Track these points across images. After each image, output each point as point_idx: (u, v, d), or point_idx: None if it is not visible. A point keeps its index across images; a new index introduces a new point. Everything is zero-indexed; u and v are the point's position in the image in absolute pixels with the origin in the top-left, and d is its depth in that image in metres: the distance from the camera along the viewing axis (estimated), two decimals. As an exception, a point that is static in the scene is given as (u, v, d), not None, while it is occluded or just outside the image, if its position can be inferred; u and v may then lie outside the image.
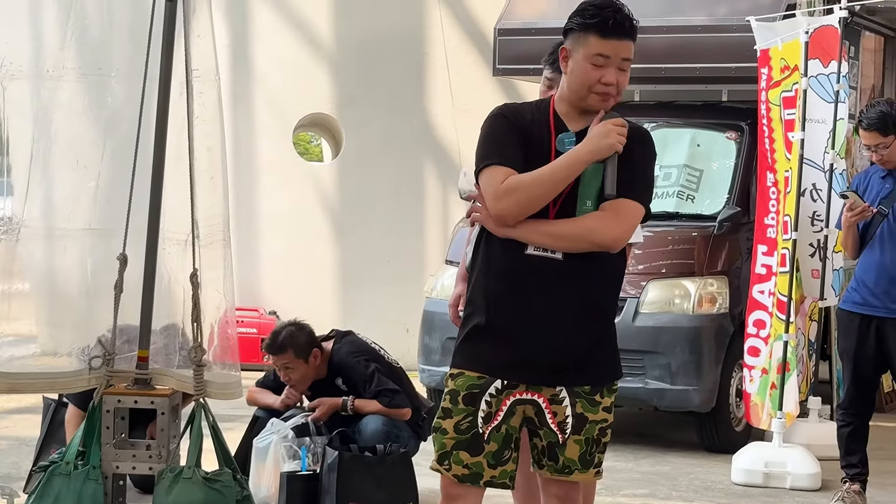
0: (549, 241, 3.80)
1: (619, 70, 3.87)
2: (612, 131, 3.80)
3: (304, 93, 12.00)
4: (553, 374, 3.85)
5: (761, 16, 8.48)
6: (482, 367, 3.87)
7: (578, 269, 3.82)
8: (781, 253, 7.95)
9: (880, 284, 6.75)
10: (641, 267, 8.44)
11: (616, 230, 3.81)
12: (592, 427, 3.88)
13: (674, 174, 8.92)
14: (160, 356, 5.14)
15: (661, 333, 8.28)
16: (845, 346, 6.93)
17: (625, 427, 9.05)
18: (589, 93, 3.86)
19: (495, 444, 3.88)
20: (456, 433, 3.87)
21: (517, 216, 3.79)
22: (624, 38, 3.87)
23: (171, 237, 5.12)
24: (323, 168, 12.73)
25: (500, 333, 3.85)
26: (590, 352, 3.87)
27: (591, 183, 3.82)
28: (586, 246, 3.80)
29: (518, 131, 3.86)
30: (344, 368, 6.53)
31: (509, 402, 3.86)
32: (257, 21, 11.96)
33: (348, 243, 11.98)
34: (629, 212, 3.83)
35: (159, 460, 4.99)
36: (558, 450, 3.89)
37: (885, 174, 6.80)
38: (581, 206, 3.83)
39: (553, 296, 3.82)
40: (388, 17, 12.01)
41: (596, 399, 3.88)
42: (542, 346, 3.83)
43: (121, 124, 5.13)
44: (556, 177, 3.78)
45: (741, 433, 8.54)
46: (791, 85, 8.08)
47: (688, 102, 9.55)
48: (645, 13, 9.17)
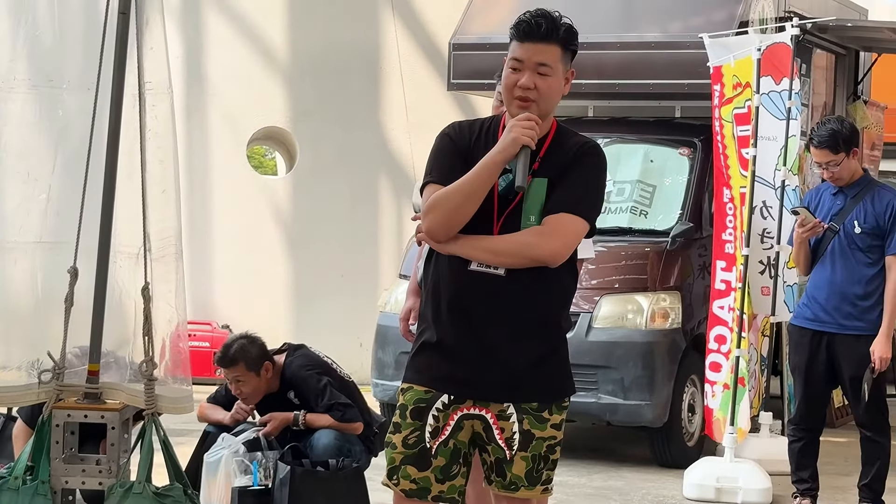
0: (488, 256, 3.80)
1: (539, 74, 3.81)
2: (516, 126, 3.77)
3: (259, 106, 11.97)
4: (499, 390, 3.85)
5: (714, 33, 8.54)
6: (429, 381, 3.87)
7: (521, 285, 3.81)
8: (740, 269, 8.00)
9: (831, 300, 6.79)
10: (595, 282, 8.47)
11: (553, 245, 3.78)
12: (540, 444, 3.87)
13: (627, 190, 8.95)
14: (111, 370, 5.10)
15: (614, 348, 8.31)
16: (796, 361, 6.97)
17: (578, 442, 9.06)
18: (511, 98, 3.85)
19: (443, 458, 3.87)
20: (404, 448, 3.87)
21: (444, 230, 3.79)
22: (539, 42, 3.81)
23: (123, 250, 5.08)
24: (277, 182, 12.70)
25: (447, 348, 3.85)
26: (535, 368, 3.86)
27: (535, 198, 3.81)
28: (524, 261, 3.79)
29: (458, 152, 3.87)
30: (296, 382, 6.50)
31: (457, 417, 3.86)
32: (212, 33, 11.93)
33: (302, 257, 11.95)
34: (569, 227, 3.81)
35: (109, 475, 4.95)
36: (505, 466, 3.88)
37: (836, 191, 6.85)
38: (525, 222, 3.82)
39: (495, 311, 3.82)
40: (344, 31, 12.02)
41: (544, 416, 3.87)
42: (487, 362, 3.83)
43: (72, 137, 5.09)
44: (471, 183, 3.76)
45: (693, 448, 8.58)
46: (743, 102, 8.14)
47: (641, 118, 9.60)
48: (599, 29, 9.29)
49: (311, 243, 11.94)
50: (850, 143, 6.78)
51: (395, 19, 12.12)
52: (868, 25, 10.28)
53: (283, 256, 11.98)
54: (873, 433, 6.84)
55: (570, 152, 3.87)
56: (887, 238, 6.71)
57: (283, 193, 12.15)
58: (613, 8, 9.54)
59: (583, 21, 9.41)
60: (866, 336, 6.72)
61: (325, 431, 6.37)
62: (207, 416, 6.70)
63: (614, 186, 8.97)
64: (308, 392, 6.45)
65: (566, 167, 3.83)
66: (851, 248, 6.75)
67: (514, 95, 3.83)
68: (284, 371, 6.54)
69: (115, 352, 5.13)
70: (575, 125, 9.35)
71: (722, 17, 9.03)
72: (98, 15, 5.03)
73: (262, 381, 6.48)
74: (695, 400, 8.66)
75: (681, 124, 9.43)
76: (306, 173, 12.06)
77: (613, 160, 9.12)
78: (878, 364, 6.65)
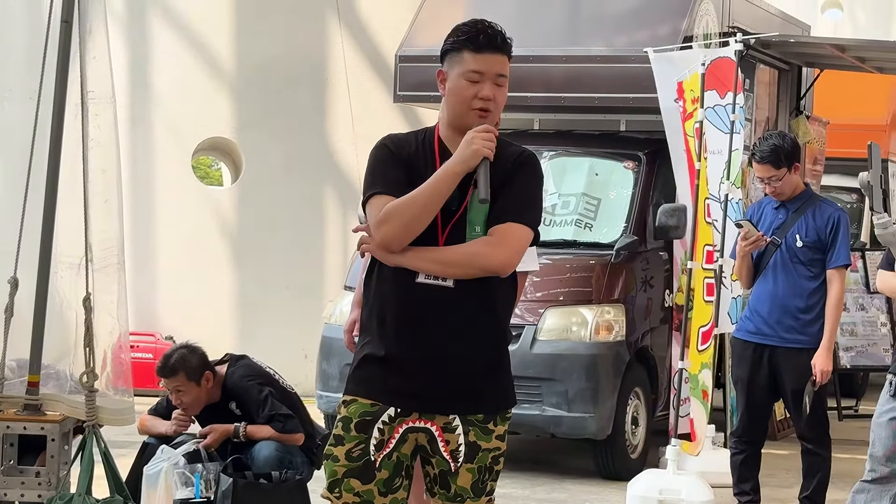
0: (437, 268, 3.79)
1: (496, 85, 3.84)
2: (476, 138, 3.77)
3: (204, 116, 11.92)
4: (446, 403, 3.84)
5: (659, 47, 8.59)
6: (375, 394, 3.84)
7: (469, 297, 3.80)
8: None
9: (773, 314, 6.84)
10: (539, 294, 8.49)
11: (503, 255, 3.79)
12: (485, 455, 3.87)
13: (572, 202, 8.98)
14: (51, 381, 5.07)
15: (559, 361, 8.32)
16: (739, 374, 7.01)
17: (521, 454, 9.08)
18: (468, 110, 3.84)
19: (386, 471, 3.85)
20: (347, 460, 3.84)
21: (399, 241, 3.78)
22: (497, 53, 3.84)
23: (64, 260, 5.05)
24: (222, 192, 12.65)
25: (393, 361, 3.83)
26: (483, 379, 3.86)
27: (479, 208, 3.82)
28: (474, 272, 3.78)
29: (401, 162, 3.85)
30: (237, 392, 6.48)
31: (402, 430, 3.84)
32: (157, 43, 11.87)
33: (247, 268, 11.90)
34: (516, 236, 3.81)
35: (49, 488, 4.91)
36: (450, 478, 3.87)
37: (778, 205, 6.91)
38: (470, 233, 3.81)
39: (445, 324, 3.80)
40: (290, 42, 12.00)
41: (489, 427, 3.87)
42: (434, 374, 3.81)
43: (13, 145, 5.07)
44: (429, 194, 3.76)
45: (637, 460, 8.61)
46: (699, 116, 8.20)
47: (586, 132, 9.64)
48: (545, 42, 9.34)
49: (256, 254, 11.90)
50: (792, 158, 6.83)
51: (342, 30, 12.11)
52: (811, 41, 10.39)
53: (228, 267, 11.93)
54: (814, 446, 6.90)
55: (508, 162, 3.87)
56: (828, 252, 6.77)
57: (228, 204, 12.10)
58: (559, 22, 9.58)
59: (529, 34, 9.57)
60: (808, 349, 6.77)
61: (266, 443, 6.35)
62: (148, 428, 6.65)
63: (559, 199, 9.00)
64: (249, 403, 6.43)
65: (507, 177, 3.83)
66: (793, 261, 6.80)
67: (474, 107, 3.83)
68: (226, 381, 6.51)
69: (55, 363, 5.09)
70: (521, 138, 9.46)
71: (666, 32, 9.09)
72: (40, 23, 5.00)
73: (203, 391, 6.45)
74: (638, 412, 8.70)
75: (626, 138, 9.47)
76: (252, 184, 12.02)
77: (559, 173, 9.17)
78: (820, 377, 6.70)
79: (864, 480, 5.52)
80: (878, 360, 10.68)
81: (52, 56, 4.96)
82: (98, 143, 5.02)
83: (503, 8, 9.66)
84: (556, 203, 9.01)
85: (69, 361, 5.12)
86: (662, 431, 8.79)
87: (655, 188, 9.05)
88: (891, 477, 5.46)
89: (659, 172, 9.07)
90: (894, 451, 5.42)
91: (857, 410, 10.95)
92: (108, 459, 5.02)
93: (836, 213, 6.84)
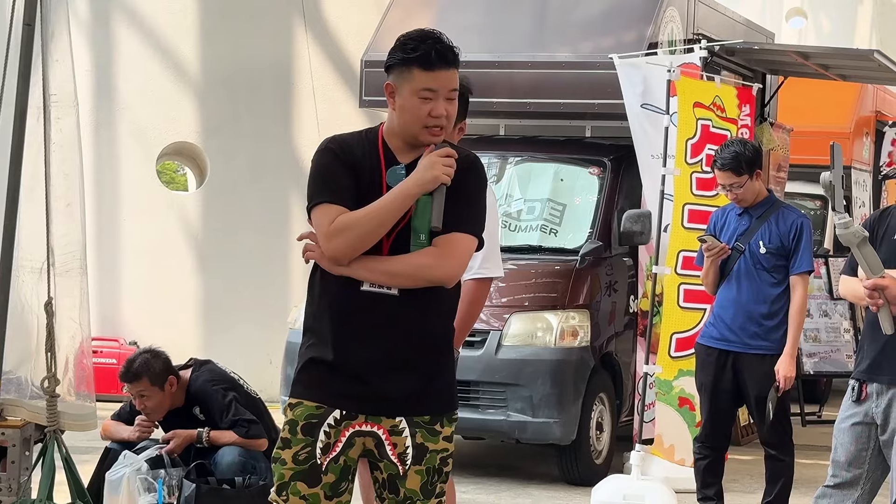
0: (383, 278, 3.79)
1: (447, 100, 3.83)
2: (437, 163, 3.77)
3: (169, 121, 11.88)
4: (391, 404, 3.84)
5: (624, 54, 8.62)
6: (320, 396, 3.84)
7: (414, 304, 3.81)
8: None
9: (737, 320, 6.86)
10: (504, 300, 8.49)
11: (448, 266, 3.81)
12: (433, 457, 3.87)
13: (537, 208, 9.00)
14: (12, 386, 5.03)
15: (524, 366, 8.33)
16: (703, 379, 7.03)
17: (486, 459, 9.08)
18: (421, 128, 3.83)
19: (333, 475, 3.85)
20: (294, 463, 3.84)
21: (350, 255, 3.78)
22: (449, 68, 3.82)
23: (26, 265, 5.02)
24: (187, 198, 12.60)
25: (338, 364, 3.83)
26: (428, 382, 3.87)
27: (424, 216, 3.81)
28: (420, 283, 3.80)
29: (348, 166, 3.83)
30: (201, 397, 6.45)
31: (348, 434, 3.84)
32: (122, 48, 11.82)
33: (212, 273, 11.86)
34: (461, 246, 3.83)
35: (10, 493, 4.88)
36: (399, 481, 3.86)
37: (741, 211, 6.93)
38: (415, 240, 3.82)
39: (390, 330, 3.81)
40: (256, 47, 11.97)
41: (436, 429, 3.87)
42: (379, 379, 3.82)
43: (-25, 149, 5.02)
44: (386, 212, 3.76)
45: (601, 465, 8.63)
46: None
47: (552, 137, 9.66)
48: (511, 49, 9.35)
49: (222, 259, 11.86)
50: (753, 165, 6.85)
51: (308, 35, 12.09)
52: (774, 49, 10.44)
53: (193, 272, 11.88)
54: (778, 451, 6.92)
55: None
56: (792, 258, 6.80)
57: (193, 209, 12.06)
58: (525, 28, 9.60)
59: (495, 41, 9.57)
60: (771, 356, 6.80)
61: (229, 448, 6.33)
62: (111, 434, 6.62)
63: (525, 205, 9.02)
64: (213, 407, 6.41)
65: (452, 183, 3.81)
66: (757, 268, 6.83)
67: (427, 125, 3.82)
68: (190, 386, 6.49)
69: (16, 368, 5.06)
70: (486, 143, 9.47)
71: (632, 39, 9.12)
72: (2, 25, 4.97)
73: (167, 395, 6.43)
74: (603, 418, 8.71)
75: (591, 144, 9.49)
76: (217, 190, 11.98)
77: (524, 179, 9.18)
78: (783, 383, 6.73)
79: (827, 486, 5.54)
80: (841, 366, 10.74)
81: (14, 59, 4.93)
82: (60, 147, 5.00)
83: (469, 14, 9.68)
84: (521, 209, 9.03)
85: (30, 367, 5.08)
86: (627, 437, 8.81)
87: (620, 194, 9.07)
88: (853, 482, 5.48)
89: (624, 178, 9.10)
90: (856, 456, 5.44)
91: (820, 416, 10.99)
92: (70, 465, 4.99)
93: (799, 219, 6.87)
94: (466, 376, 8.05)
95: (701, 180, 8.04)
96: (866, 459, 5.45)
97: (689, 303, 8.01)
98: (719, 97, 8.19)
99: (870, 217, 5.84)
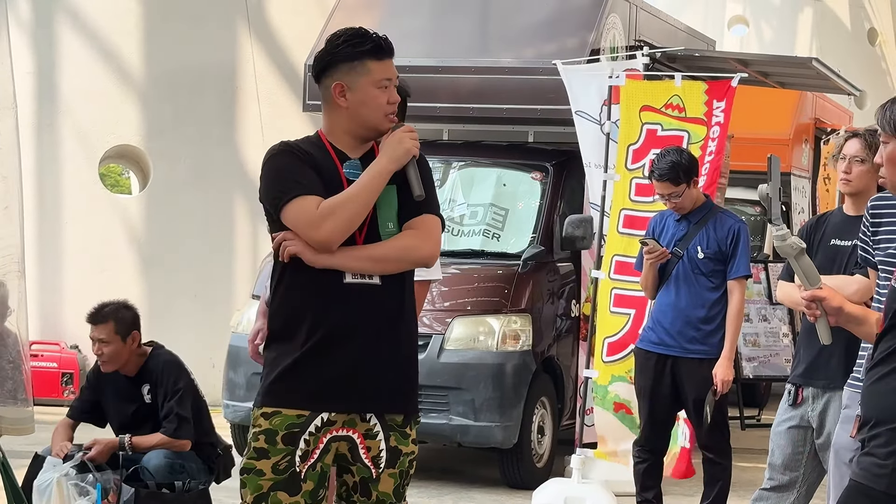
0: (369, 265, 3.82)
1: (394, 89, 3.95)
2: (405, 138, 3.86)
3: (112, 124, 11.81)
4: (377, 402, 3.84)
5: (567, 59, 8.67)
6: (304, 403, 3.82)
7: (393, 293, 3.86)
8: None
9: (676, 324, 6.91)
10: (447, 304, 8.52)
11: (430, 246, 3.88)
12: (405, 460, 3.90)
13: (480, 213, 9.04)
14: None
15: (466, 370, 8.36)
16: (642, 384, 7.07)
17: (429, 463, 9.09)
18: (383, 117, 3.89)
19: (311, 482, 3.84)
20: (274, 473, 3.80)
21: (340, 238, 3.79)
22: (392, 57, 3.94)
23: (-37, 268, 4.99)
24: (130, 200, 12.54)
25: (320, 366, 3.80)
26: (406, 379, 3.91)
27: (388, 205, 3.86)
28: (406, 265, 3.86)
29: (309, 164, 3.86)
30: (156, 375, 6.38)
31: (326, 440, 3.83)
32: (65, 49, 11.75)
33: (155, 276, 11.80)
34: (435, 226, 3.92)
35: (-55, 498, 4.83)
36: (371, 484, 3.87)
37: (679, 217, 6.99)
38: (384, 230, 3.85)
39: (375, 323, 3.82)
40: (200, 49, 11.93)
41: (406, 431, 3.90)
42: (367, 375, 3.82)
43: (-89, 151, 4.98)
44: (367, 192, 3.81)
45: (542, 469, 8.67)
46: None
47: (495, 143, 9.70)
48: (454, 53, 9.38)
49: (165, 262, 11.81)
50: (691, 174, 6.90)
51: (252, 39, 12.07)
52: (715, 55, 10.53)
53: (136, 275, 11.82)
54: (715, 455, 6.98)
55: None
56: (729, 262, 6.86)
57: (136, 212, 12.00)
58: (469, 33, 9.64)
59: (439, 45, 9.59)
60: (709, 360, 6.85)
61: (155, 452, 6.26)
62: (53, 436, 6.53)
63: (468, 209, 9.05)
64: (162, 390, 6.35)
65: (404, 170, 3.87)
66: (695, 272, 6.88)
67: (387, 112, 3.89)
68: (149, 361, 6.45)
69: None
70: (430, 148, 9.48)
71: (574, 45, 9.17)
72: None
73: (126, 349, 6.39)
74: (544, 421, 8.75)
75: (534, 149, 9.54)
76: (160, 192, 11.92)
77: (467, 183, 9.21)
78: (721, 387, 6.79)
79: (764, 489, 5.60)
80: (779, 370, 10.83)
81: (-47, 61, 4.90)
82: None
83: (414, 19, 9.71)
84: (464, 213, 9.06)
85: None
86: (568, 441, 8.86)
87: (562, 199, 9.12)
88: (789, 485, 5.55)
89: (566, 183, 9.15)
90: (792, 459, 5.51)
91: (759, 420, 11.09)
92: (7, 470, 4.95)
93: (737, 224, 6.93)
94: (408, 380, 8.06)
95: (641, 185, 8.07)
96: (802, 462, 5.52)
97: (617, 307, 8.07)
98: (679, 96, 8.14)
99: (806, 224, 5.92)
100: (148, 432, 6.33)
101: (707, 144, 8.06)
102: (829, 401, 5.41)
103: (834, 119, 13.46)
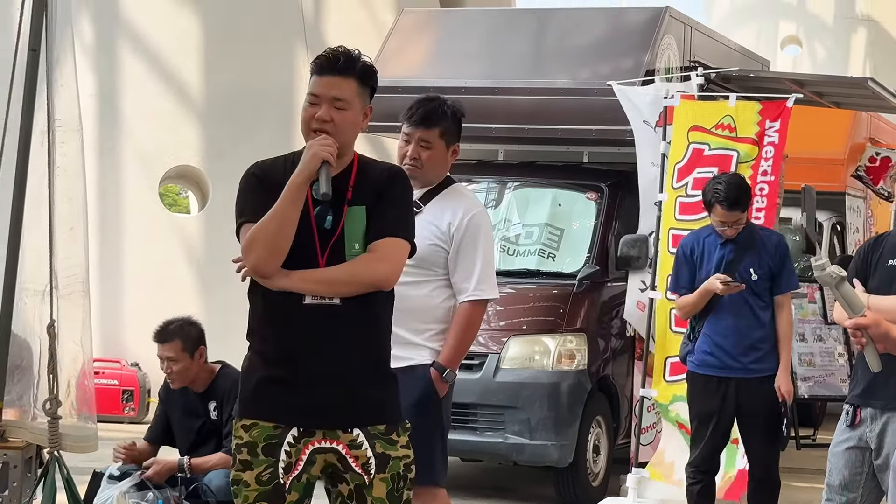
0: (322, 288, 3.85)
1: (336, 109, 3.91)
2: (313, 144, 3.86)
3: (172, 145, 11.96)
4: (347, 417, 3.88)
5: (622, 80, 8.70)
6: (276, 415, 3.88)
7: (356, 313, 3.87)
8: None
9: (738, 347, 6.86)
10: (503, 323, 8.56)
11: (385, 268, 3.88)
12: (396, 463, 3.91)
13: (535, 233, 9.07)
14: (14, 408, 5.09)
15: (521, 389, 8.38)
16: (701, 408, 7.02)
17: (484, 481, 9.13)
18: (308, 131, 3.93)
19: (296, 493, 3.89)
20: (258, 484, 3.87)
21: (269, 262, 3.84)
22: (336, 76, 3.92)
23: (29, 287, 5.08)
24: (189, 220, 12.68)
25: (289, 383, 3.87)
26: (379, 391, 3.93)
27: (356, 226, 3.89)
28: (360, 287, 3.86)
29: (268, 187, 3.90)
30: (224, 392, 6.42)
31: (308, 451, 3.87)
32: (126, 72, 11.92)
33: (213, 295, 11.92)
34: (395, 249, 3.91)
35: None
36: (366, 491, 3.90)
37: (723, 240, 6.97)
38: (349, 250, 3.89)
39: (336, 341, 3.85)
40: (259, 71, 12.06)
41: (393, 438, 3.92)
42: (331, 391, 3.86)
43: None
44: (282, 208, 3.83)
45: (598, 488, 8.68)
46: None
47: (550, 163, 9.73)
48: (509, 74, 9.42)
49: (223, 282, 11.90)
50: (750, 199, 6.93)
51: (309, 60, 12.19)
52: (770, 76, 10.51)
53: (195, 294, 11.95)
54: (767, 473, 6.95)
55: (379, 179, 3.96)
56: (777, 278, 6.87)
57: (195, 232, 12.13)
58: (524, 54, 9.68)
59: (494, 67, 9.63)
60: (769, 377, 6.85)
61: (216, 473, 6.32)
62: None
63: (523, 229, 9.09)
64: (230, 406, 6.37)
65: (378, 193, 3.91)
66: (748, 294, 6.88)
67: (311, 128, 3.92)
68: (217, 378, 6.51)
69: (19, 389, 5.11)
70: (485, 169, 9.54)
71: (629, 66, 9.19)
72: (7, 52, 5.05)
73: (194, 365, 6.46)
74: (599, 440, 8.76)
75: (588, 169, 9.57)
76: (218, 212, 12.04)
77: (522, 203, 9.25)
78: (788, 397, 6.80)
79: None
80: (835, 390, 10.76)
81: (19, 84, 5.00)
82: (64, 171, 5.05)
83: (469, 41, 9.77)
84: (519, 233, 9.10)
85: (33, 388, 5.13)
86: (623, 460, 8.86)
87: (617, 219, 9.14)
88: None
89: (621, 203, 9.17)
90: (851, 480, 5.48)
91: (814, 440, 11.02)
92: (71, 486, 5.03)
93: (780, 239, 6.95)
94: (465, 399, 8.11)
95: (684, 204, 8.08)
96: (861, 483, 5.48)
97: (679, 326, 8.05)
98: (731, 116, 8.14)
99: (863, 245, 5.90)
100: (211, 449, 6.39)
101: (759, 164, 8.04)
102: (888, 422, 5.37)
103: (889, 139, 13.38)
